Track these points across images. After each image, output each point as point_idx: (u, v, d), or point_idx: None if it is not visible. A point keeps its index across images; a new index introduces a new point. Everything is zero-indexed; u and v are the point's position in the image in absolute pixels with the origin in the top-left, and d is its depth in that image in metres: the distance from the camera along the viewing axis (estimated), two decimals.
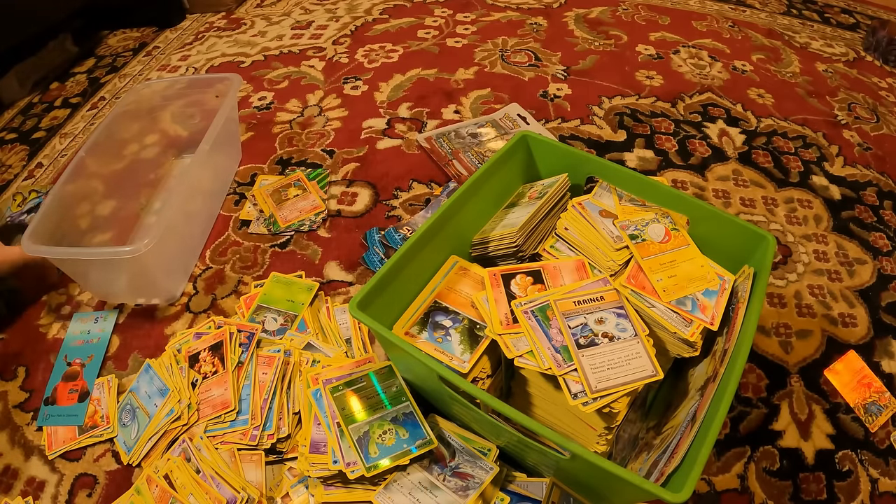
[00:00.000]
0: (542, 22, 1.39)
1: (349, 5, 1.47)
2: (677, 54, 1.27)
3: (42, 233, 0.68)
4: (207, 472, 0.60)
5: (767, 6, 1.52)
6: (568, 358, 0.52)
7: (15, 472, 0.64)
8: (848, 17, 1.50)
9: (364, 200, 0.93)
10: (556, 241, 0.66)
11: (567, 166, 0.72)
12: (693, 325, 0.57)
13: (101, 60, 1.32)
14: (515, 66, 1.23)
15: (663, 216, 0.65)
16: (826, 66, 1.27)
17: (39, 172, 1.01)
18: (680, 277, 0.60)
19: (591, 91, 1.15)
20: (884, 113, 1.14)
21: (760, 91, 1.18)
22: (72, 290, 0.82)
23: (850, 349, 0.74)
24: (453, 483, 0.57)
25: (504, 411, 0.48)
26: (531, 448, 0.51)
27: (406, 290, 0.61)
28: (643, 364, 0.52)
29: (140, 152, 0.91)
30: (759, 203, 0.93)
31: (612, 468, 0.44)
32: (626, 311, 0.56)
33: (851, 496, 0.62)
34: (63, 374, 0.71)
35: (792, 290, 0.81)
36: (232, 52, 1.30)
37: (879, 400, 0.70)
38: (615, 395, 0.50)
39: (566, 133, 1.05)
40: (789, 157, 1.02)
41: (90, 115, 1.14)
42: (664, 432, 0.55)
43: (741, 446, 0.65)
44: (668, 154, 1.01)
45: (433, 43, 1.31)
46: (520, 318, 0.55)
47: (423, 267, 0.63)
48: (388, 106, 1.12)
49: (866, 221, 0.92)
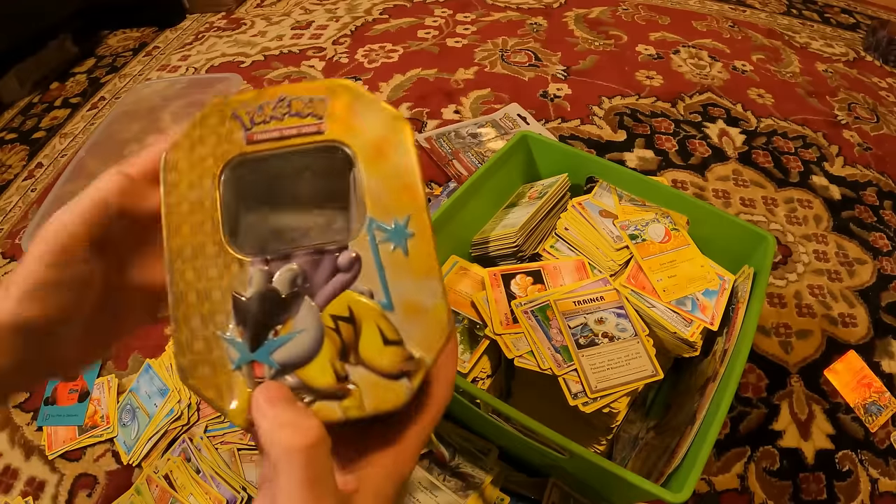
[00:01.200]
0: (542, 22, 1.39)
1: (349, 5, 1.47)
2: (677, 54, 1.27)
3: None
4: (207, 472, 0.60)
5: (767, 6, 1.52)
6: (568, 358, 0.52)
7: (15, 472, 0.64)
8: (848, 17, 1.50)
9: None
10: (556, 241, 0.66)
11: (567, 166, 0.72)
12: (693, 325, 0.57)
13: (101, 60, 1.32)
14: (515, 66, 1.23)
15: (663, 216, 0.65)
16: (826, 66, 1.27)
17: (39, 172, 1.01)
18: (680, 277, 0.60)
19: (591, 91, 1.15)
20: (884, 113, 1.14)
21: (760, 91, 1.17)
22: None
23: (850, 349, 0.74)
24: (453, 483, 0.57)
25: (504, 411, 0.48)
26: (531, 448, 0.51)
27: None
28: (643, 364, 0.52)
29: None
30: (759, 203, 0.93)
31: (612, 468, 0.44)
32: (626, 311, 0.56)
33: (851, 496, 0.62)
34: None
35: (792, 290, 0.81)
36: (232, 52, 1.30)
37: (879, 400, 0.70)
38: (615, 395, 0.50)
39: (566, 133, 1.05)
40: (789, 157, 1.02)
41: (90, 115, 1.14)
42: (664, 432, 0.55)
43: (741, 446, 0.65)
44: (668, 154, 1.01)
45: (433, 43, 1.31)
46: (520, 318, 0.55)
47: None
48: None
49: (866, 221, 0.92)
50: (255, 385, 0.22)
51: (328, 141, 0.24)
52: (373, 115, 0.24)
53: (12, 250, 0.88)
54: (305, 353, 0.23)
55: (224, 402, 0.22)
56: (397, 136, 0.24)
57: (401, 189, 0.24)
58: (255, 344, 0.23)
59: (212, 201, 0.24)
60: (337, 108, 0.24)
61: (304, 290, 0.23)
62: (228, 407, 0.22)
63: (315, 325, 0.23)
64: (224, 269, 0.23)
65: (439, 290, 0.23)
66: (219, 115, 0.24)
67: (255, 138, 0.24)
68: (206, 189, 0.24)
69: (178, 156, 0.24)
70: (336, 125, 0.24)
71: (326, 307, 0.23)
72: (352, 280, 0.23)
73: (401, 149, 0.24)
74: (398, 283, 0.23)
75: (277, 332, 0.23)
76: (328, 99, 0.25)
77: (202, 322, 0.23)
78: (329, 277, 0.23)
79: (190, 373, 0.22)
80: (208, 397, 0.22)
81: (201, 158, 0.24)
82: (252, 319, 0.23)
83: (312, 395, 0.22)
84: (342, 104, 0.25)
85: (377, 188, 0.24)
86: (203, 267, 0.23)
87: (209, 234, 0.23)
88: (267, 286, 0.23)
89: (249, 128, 0.24)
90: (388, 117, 0.24)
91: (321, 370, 0.23)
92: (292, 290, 0.23)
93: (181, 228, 0.23)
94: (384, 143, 0.24)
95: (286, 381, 0.22)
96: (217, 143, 0.24)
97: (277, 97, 0.25)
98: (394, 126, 0.24)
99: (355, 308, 0.23)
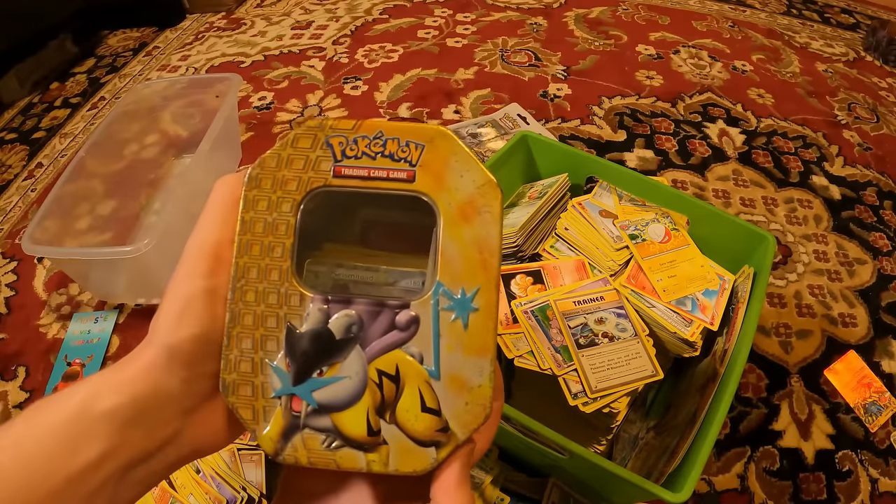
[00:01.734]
0: (542, 22, 1.39)
1: (349, 5, 1.47)
2: (677, 54, 1.27)
3: (42, 233, 0.68)
4: (207, 472, 0.60)
5: (767, 6, 1.52)
6: (568, 358, 0.52)
7: None
8: (848, 17, 1.50)
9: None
10: (556, 241, 0.66)
11: (567, 166, 0.72)
12: (693, 325, 0.57)
13: (101, 60, 1.32)
14: (515, 66, 1.23)
15: (663, 216, 0.65)
16: (826, 66, 1.27)
17: (39, 172, 1.01)
18: (680, 277, 0.60)
19: (591, 91, 1.15)
20: (884, 113, 1.14)
21: (760, 91, 1.18)
22: (72, 290, 0.82)
23: (850, 349, 0.74)
24: None
25: (504, 411, 0.48)
26: (531, 448, 0.51)
27: None
28: (643, 364, 0.52)
29: (140, 152, 0.91)
30: (759, 203, 0.93)
31: (612, 468, 0.44)
32: (626, 311, 0.56)
33: (851, 496, 0.62)
34: (63, 374, 0.71)
35: (792, 290, 0.81)
36: (232, 52, 1.30)
37: (879, 400, 0.70)
38: (615, 395, 0.50)
39: (566, 133, 1.05)
40: (789, 157, 1.02)
41: (90, 115, 1.14)
42: (664, 432, 0.55)
43: (741, 446, 0.65)
44: (668, 154, 1.01)
45: (433, 43, 1.31)
46: (520, 318, 0.55)
47: None
48: (388, 106, 1.12)
49: (866, 221, 0.92)
50: (290, 417, 0.23)
51: (415, 191, 0.23)
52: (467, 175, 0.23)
53: (12, 250, 0.88)
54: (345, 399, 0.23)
55: (258, 425, 0.23)
56: (487, 202, 0.23)
57: (476, 260, 0.23)
58: (299, 379, 0.23)
59: (287, 227, 0.23)
60: (432, 159, 0.23)
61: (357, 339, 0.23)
62: (261, 431, 0.23)
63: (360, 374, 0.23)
64: (284, 299, 0.23)
65: (488, 370, 0.23)
66: (312, 138, 0.24)
67: (343, 172, 0.24)
68: (283, 213, 0.23)
69: (263, 173, 0.24)
70: (427, 176, 0.23)
71: (375, 360, 0.23)
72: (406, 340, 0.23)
73: (487, 217, 0.23)
74: (450, 354, 0.23)
75: (323, 372, 0.23)
76: (425, 146, 0.24)
77: (253, 345, 0.23)
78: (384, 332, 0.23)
79: (232, 390, 0.23)
80: (244, 417, 0.23)
81: (285, 181, 0.24)
82: (301, 354, 0.23)
83: (341, 441, 0.23)
84: (438, 155, 0.23)
85: (452, 252, 0.23)
86: (265, 291, 0.23)
87: (277, 260, 0.23)
88: (322, 326, 0.23)
89: (339, 159, 0.24)
90: (483, 181, 0.23)
91: (355, 420, 0.23)
92: (346, 336, 0.23)
93: (252, 247, 0.23)
94: (471, 207, 0.23)
95: (320, 422, 0.23)
96: (304, 168, 0.24)
97: (375, 132, 0.24)
98: (486, 191, 0.23)
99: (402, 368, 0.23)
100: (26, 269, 0.86)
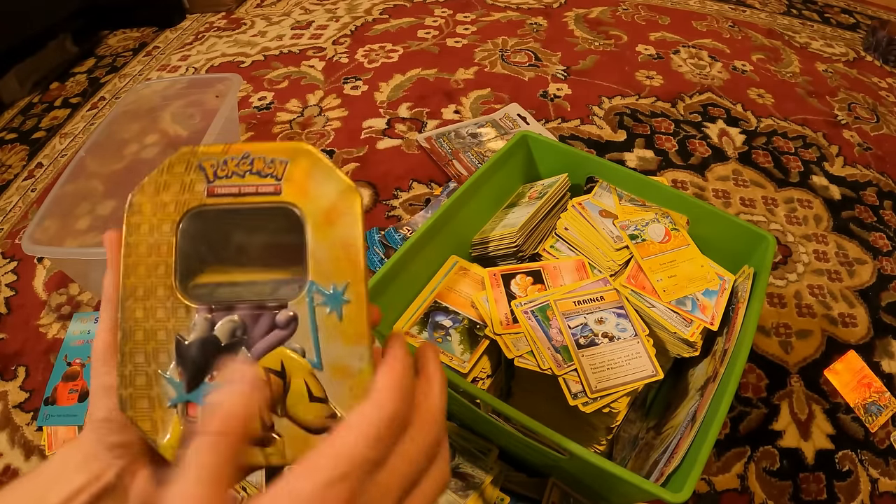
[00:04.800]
0: (542, 22, 1.39)
1: (349, 5, 1.47)
2: (677, 54, 1.27)
3: (42, 233, 0.68)
4: None
5: (767, 6, 1.52)
6: (568, 358, 0.52)
7: (15, 472, 0.64)
8: (848, 17, 1.50)
9: (364, 200, 0.93)
10: (556, 241, 0.66)
11: (567, 166, 0.72)
12: (693, 325, 0.57)
13: (101, 60, 1.32)
14: (515, 66, 1.23)
15: (663, 216, 0.65)
16: (826, 66, 1.27)
17: (39, 172, 1.01)
18: (680, 277, 0.60)
19: (591, 91, 1.15)
20: (884, 113, 1.14)
21: (760, 91, 1.17)
22: (72, 290, 0.82)
23: (850, 349, 0.74)
24: (453, 483, 0.57)
25: (504, 411, 0.48)
26: (531, 448, 0.51)
27: (406, 290, 0.61)
28: (643, 364, 0.52)
29: (140, 152, 0.91)
30: (759, 203, 0.93)
31: (612, 468, 0.44)
32: (626, 311, 0.56)
33: (851, 496, 0.62)
34: (63, 374, 0.71)
35: (792, 290, 0.81)
36: (232, 52, 1.30)
37: (879, 400, 0.70)
38: (615, 395, 0.50)
39: (566, 133, 1.05)
40: (789, 157, 1.02)
41: (90, 115, 1.14)
42: (664, 432, 0.55)
43: (741, 446, 0.65)
44: (668, 154, 1.01)
45: (433, 43, 1.31)
46: (520, 318, 0.55)
47: (423, 267, 0.63)
48: (388, 106, 1.12)
49: (866, 221, 0.92)
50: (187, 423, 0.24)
51: (282, 202, 0.25)
52: (328, 183, 0.25)
53: (12, 250, 0.88)
54: None
55: (158, 435, 0.24)
56: (348, 206, 0.25)
57: (343, 257, 0.25)
58: (192, 386, 0.24)
59: (168, 246, 0.25)
60: (296, 172, 0.25)
61: (241, 342, 0.25)
62: (161, 441, 0.24)
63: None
64: (171, 313, 0.25)
65: (367, 356, 0.24)
66: (185, 163, 0.25)
67: (216, 191, 0.25)
68: (164, 234, 0.25)
69: (142, 199, 0.25)
70: (292, 188, 0.25)
71: (260, 359, 0.24)
72: (287, 337, 0.25)
73: (349, 219, 0.25)
74: (330, 345, 0.24)
75: (213, 377, 0.24)
76: (289, 162, 0.25)
77: (146, 359, 0.24)
78: (266, 332, 0.25)
79: (129, 404, 0.24)
80: (143, 429, 0.24)
81: (164, 204, 0.25)
82: (191, 362, 0.24)
83: None
84: (301, 169, 0.25)
85: (321, 253, 0.25)
86: (152, 308, 0.25)
87: (161, 278, 0.25)
88: (208, 333, 0.25)
89: (212, 180, 0.25)
90: (342, 187, 0.25)
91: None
92: (231, 340, 0.25)
93: (137, 268, 0.25)
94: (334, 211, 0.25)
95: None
96: (180, 191, 0.25)
97: (242, 154, 0.25)
98: (346, 196, 0.25)
99: (287, 363, 0.24)
100: (26, 269, 0.86)
